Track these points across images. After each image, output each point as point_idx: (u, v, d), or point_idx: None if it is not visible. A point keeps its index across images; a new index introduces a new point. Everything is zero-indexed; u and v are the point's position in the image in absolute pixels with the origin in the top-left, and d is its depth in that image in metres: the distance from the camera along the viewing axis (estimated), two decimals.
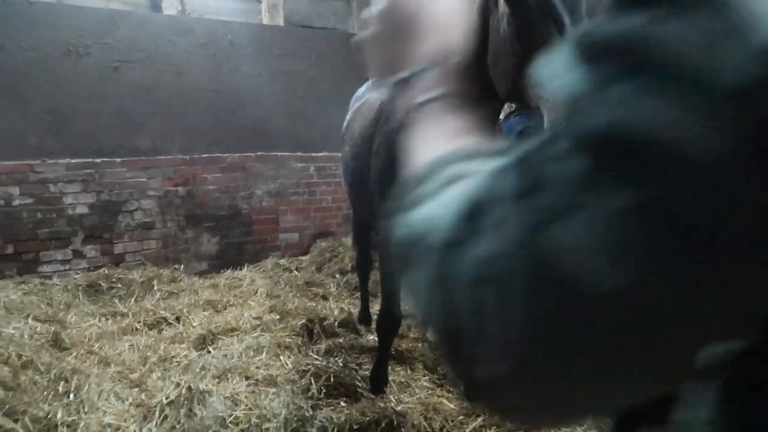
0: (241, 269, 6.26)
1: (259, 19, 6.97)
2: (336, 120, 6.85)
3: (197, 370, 3.49)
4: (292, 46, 6.83)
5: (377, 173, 2.74)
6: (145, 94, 6.00)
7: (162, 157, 6.06)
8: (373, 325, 4.38)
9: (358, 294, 5.55)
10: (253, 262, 6.47)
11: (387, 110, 2.74)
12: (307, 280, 5.88)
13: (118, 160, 5.82)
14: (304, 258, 6.62)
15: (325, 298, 5.40)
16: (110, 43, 5.81)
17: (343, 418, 2.80)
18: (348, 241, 6.61)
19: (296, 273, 6.20)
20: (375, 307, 4.82)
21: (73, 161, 5.59)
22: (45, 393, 3.11)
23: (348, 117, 3.76)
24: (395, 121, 2.62)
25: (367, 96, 3.53)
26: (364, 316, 4.45)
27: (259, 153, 6.46)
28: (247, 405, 2.97)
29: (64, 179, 5.54)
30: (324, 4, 7.41)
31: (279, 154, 6.65)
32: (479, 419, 2.92)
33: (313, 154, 6.89)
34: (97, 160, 5.70)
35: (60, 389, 3.14)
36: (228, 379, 3.33)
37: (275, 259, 6.54)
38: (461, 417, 2.96)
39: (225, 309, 5.01)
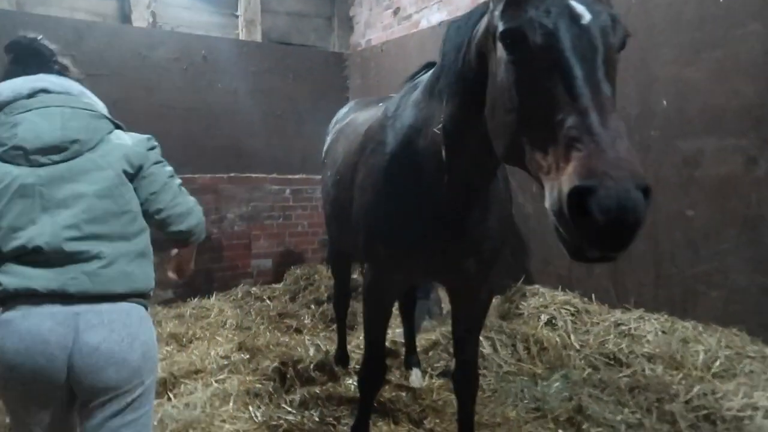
0: (209, 298, 5.86)
1: (235, 34, 6.65)
2: (314, 141, 6.53)
3: (155, 423, 3.12)
4: (269, 63, 6.53)
5: (361, 209, 2.45)
6: (112, 110, 5.57)
7: None
8: (351, 366, 4.08)
9: (335, 327, 5.23)
10: (223, 290, 6.09)
11: (374, 139, 2.44)
12: (280, 310, 5.54)
13: None
14: (277, 286, 6.25)
15: (299, 331, 5.06)
16: (75, 56, 5.36)
17: None
18: (324, 269, 6.29)
19: (268, 302, 5.84)
20: (353, 342, 4.51)
21: None
22: None
23: (329, 139, 3.46)
24: (384, 153, 2.33)
25: (351, 117, 3.24)
26: (341, 356, 4.12)
27: (232, 174, 6.12)
28: None
29: None
30: (303, 21, 7.14)
31: (253, 175, 6.32)
32: None
33: (289, 176, 6.56)
34: None
35: None
36: None
37: (246, 287, 6.17)
38: None
39: (191, 343, 4.63)
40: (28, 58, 1.94)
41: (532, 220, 4.67)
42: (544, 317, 4.09)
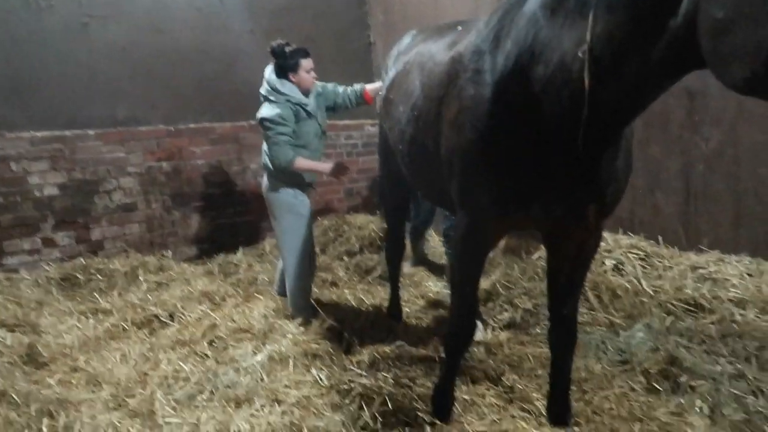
0: (235, 253, 5.60)
1: None
2: (336, 83, 6.16)
3: (212, 390, 2.88)
4: (287, 1, 6.04)
5: (457, 149, 2.11)
6: (121, 55, 5.19)
7: (143, 128, 5.32)
8: (406, 319, 3.85)
9: (370, 278, 4.99)
10: (249, 244, 5.81)
11: (470, 69, 2.07)
12: None
13: (92, 132, 5.05)
14: None
15: (335, 284, 4.81)
16: None
17: None
18: (352, 219, 5.99)
19: None
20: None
21: (38, 135, 4.81)
22: None
23: (392, 72, 3.06)
24: (484, 84, 1.98)
25: (421, 46, 2.84)
26: (395, 312, 3.87)
27: (253, 122, 5.70)
28: None
29: (28, 156, 4.77)
30: None
31: None
32: None
33: None
34: (67, 133, 4.93)
35: (44, 429, 2.47)
36: (254, 404, 2.71)
37: (273, 240, 5.88)
38: None
39: (224, 301, 4.37)
40: (271, 55, 3.81)
41: None
42: (609, 263, 3.82)
